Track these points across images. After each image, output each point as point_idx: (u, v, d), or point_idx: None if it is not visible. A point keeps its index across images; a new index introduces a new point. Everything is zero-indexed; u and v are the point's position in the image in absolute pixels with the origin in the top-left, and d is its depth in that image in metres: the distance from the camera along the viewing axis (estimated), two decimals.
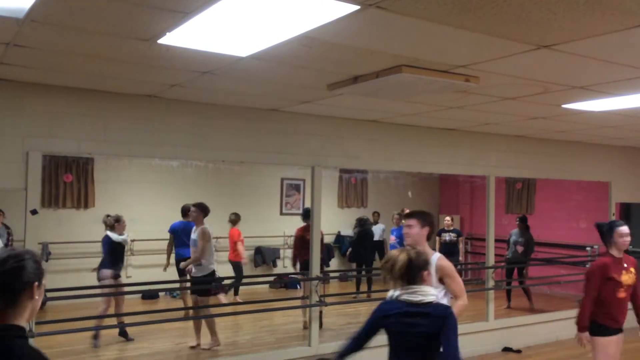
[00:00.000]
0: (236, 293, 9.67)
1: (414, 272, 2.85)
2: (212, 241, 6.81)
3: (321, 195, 6.04)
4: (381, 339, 2.95)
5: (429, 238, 3.68)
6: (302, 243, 7.48)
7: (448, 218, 10.40)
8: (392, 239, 10.14)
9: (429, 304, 2.80)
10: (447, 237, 10.17)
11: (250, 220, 10.41)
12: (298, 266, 7.81)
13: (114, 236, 7.06)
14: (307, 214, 7.49)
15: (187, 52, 3.41)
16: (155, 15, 2.77)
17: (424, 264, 2.92)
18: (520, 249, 9.41)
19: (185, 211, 8.37)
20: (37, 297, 1.76)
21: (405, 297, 2.82)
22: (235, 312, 6.97)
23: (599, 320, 4.28)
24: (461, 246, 10.32)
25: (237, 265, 9.33)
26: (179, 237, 8.39)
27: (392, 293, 2.91)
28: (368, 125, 6.28)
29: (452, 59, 3.57)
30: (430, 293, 2.85)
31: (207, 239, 6.66)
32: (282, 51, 3.37)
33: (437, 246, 10.35)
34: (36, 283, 1.74)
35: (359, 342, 2.97)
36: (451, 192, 13.47)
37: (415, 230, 3.61)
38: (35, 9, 2.74)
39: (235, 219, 9.42)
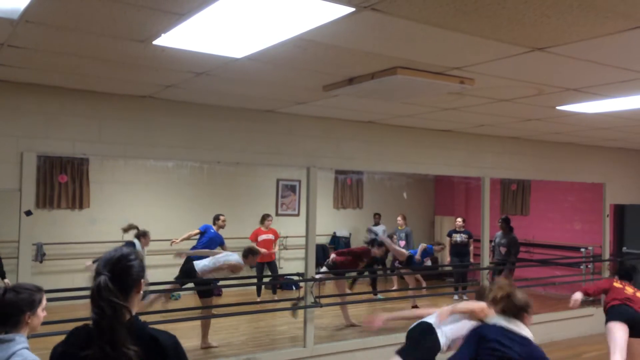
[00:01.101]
0: (274, 292, 9.95)
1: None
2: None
3: (317, 196, 6.05)
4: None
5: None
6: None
7: (459, 219, 10.36)
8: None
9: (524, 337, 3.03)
10: (457, 237, 10.14)
11: (245, 221, 10.39)
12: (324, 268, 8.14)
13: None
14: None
15: (183, 53, 3.41)
16: (151, 16, 2.77)
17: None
18: (503, 249, 9.40)
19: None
20: (142, 292, 2.00)
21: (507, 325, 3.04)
22: (230, 314, 6.97)
23: None
24: (471, 248, 10.23)
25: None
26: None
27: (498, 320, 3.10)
28: (363, 126, 6.29)
29: (447, 60, 3.58)
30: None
31: None
32: (278, 52, 3.37)
33: (448, 247, 10.36)
34: (142, 279, 1.98)
35: None
36: (446, 194, 13.50)
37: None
38: (29, 10, 2.73)
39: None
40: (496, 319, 3.11)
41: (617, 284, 5.37)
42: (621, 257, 9.52)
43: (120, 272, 1.93)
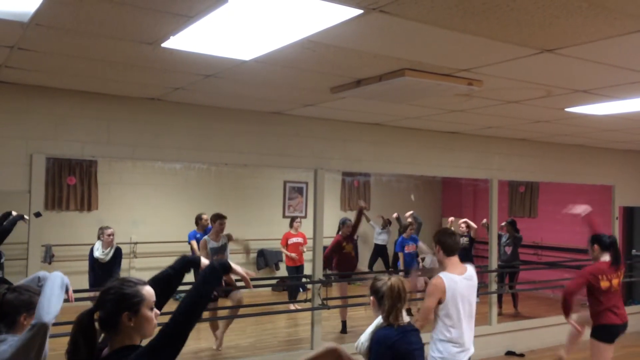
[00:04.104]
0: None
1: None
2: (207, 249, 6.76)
3: (324, 198, 6.04)
4: None
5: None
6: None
7: (463, 225, 10.28)
8: (412, 247, 9.56)
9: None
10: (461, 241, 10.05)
11: (252, 223, 10.41)
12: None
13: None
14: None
15: (191, 55, 3.43)
16: (160, 18, 2.78)
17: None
18: (508, 249, 9.35)
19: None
20: (132, 324, 1.94)
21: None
22: (237, 315, 6.97)
23: None
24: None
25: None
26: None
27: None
28: (371, 128, 6.28)
29: (455, 62, 3.57)
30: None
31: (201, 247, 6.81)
32: (286, 55, 3.37)
33: None
34: (126, 313, 1.94)
35: None
36: (454, 196, 13.46)
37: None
38: (39, 13, 2.75)
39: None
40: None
41: (605, 283, 4.66)
42: (630, 259, 9.45)
43: (99, 306, 1.98)
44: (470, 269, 3.83)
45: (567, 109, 5.15)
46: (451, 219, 10.42)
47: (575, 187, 9.89)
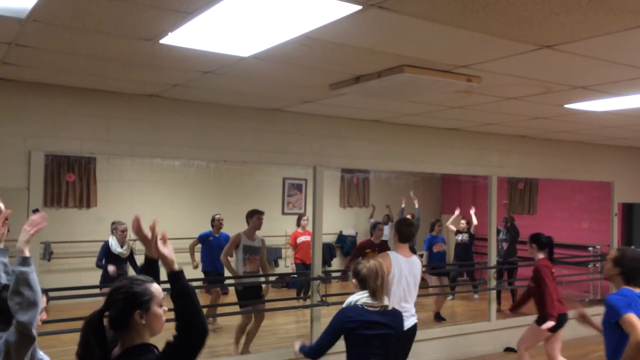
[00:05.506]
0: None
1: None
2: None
3: (323, 195, 6.04)
4: None
5: None
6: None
7: (463, 222, 10.26)
8: (440, 245, 9.33)
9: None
10: (459, 238, 10.08)
11: None
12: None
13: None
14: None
15: (189, 52, 3.42)
16: (158, 15, 2.77)
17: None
18: (505, 244, 9.36)
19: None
20: (143, 322, 1.95)
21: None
22: (236, 312, 6.98)
23: None
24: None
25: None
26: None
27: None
28: (370, 125, 6.28)
29: (454, 58, 3.57)
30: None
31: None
32: (284, 51, 3.37)
33: (453, 248, 10.28)
34: (137, 311, 1.94)
35: None
36: (453, 192, 13.46)
37: None
38: (37, 9, 2.74)
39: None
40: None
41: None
42: None
43: (109, 305, 1.98)
44: (415, 257, 4.47)
45: (566, 106, 5.15)
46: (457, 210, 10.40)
47: (575, 183, 9.91)
